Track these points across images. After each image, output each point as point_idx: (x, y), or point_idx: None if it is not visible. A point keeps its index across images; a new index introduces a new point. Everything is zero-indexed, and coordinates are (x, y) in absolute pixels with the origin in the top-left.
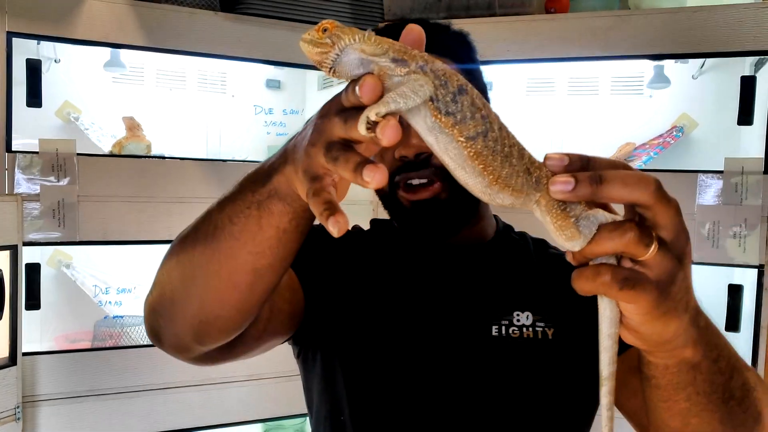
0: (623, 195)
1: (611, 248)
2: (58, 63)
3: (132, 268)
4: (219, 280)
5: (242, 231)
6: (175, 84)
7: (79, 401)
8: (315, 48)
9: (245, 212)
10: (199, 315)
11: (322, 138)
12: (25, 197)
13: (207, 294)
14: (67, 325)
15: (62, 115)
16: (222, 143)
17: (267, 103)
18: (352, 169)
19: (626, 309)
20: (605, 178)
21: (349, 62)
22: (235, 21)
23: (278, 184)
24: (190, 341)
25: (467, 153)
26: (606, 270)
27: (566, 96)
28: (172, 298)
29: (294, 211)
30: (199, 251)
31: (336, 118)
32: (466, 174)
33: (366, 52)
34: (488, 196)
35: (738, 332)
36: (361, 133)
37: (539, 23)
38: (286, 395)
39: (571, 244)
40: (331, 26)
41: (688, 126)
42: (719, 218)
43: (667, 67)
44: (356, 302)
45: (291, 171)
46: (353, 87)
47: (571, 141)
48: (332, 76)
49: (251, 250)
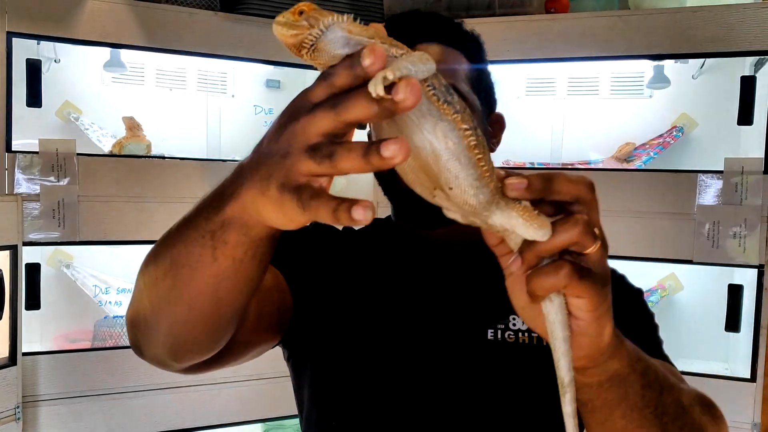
0: (570, 189)
1: (568, 239)
2: (58, 63)
3: (132, 268)
4: (182, 308)
5: (198, 261)
6: (175, 84)
7: (79, 401)
8: (290, 30)
9: (200, 241)
10: (170, 338)
11: (298, 142)
12: (25, 197)
13: (174, 320)
14: (67, 325)
15: (62, 115)
16: (222, 143)
17: (267, 103)
18: (362, 154)
19: (577, 307)
20: (552, 176)
21: (335, 40)
22: (235, 21)
23: (232, 212)
24: (167, 359)
25: (467, 142)
26: (565, 262)
27: (566, 96)
28: (145, 319)
29: (250, 241)
30: (161, 278)
31: (318, 112)
32: (460, 165)
33: (353, 33)
34: (474, 189)
35: (738, 332)
36: (377, 94)
37: (539, 23)
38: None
39: (543, 232)
40: (308, 8)
41: (688, 126)
42: (719, 218)
43: (667, 67)
44: (347, 304)
45: (252, 195)
46: (348, 63)
47: (571, 141)
48: (306, 59)
49: (208, 280)
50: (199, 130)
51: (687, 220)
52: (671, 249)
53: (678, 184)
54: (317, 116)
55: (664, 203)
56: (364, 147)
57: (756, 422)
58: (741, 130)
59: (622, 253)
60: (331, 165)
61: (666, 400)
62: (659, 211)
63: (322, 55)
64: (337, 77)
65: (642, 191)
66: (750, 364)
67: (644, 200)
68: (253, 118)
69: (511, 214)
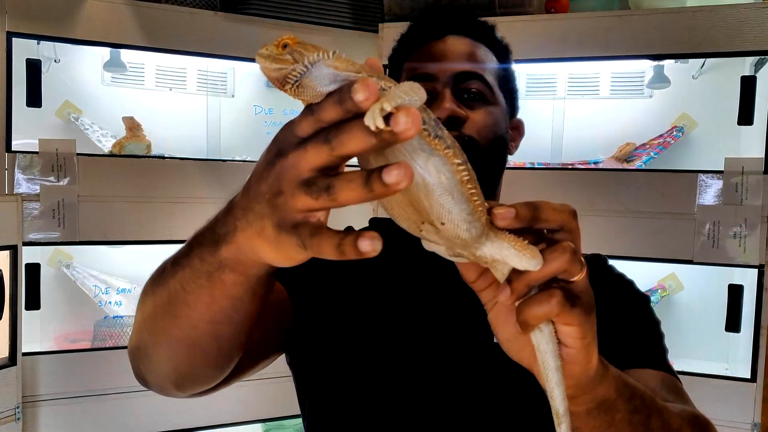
0: (556, 217)
1: (557, 266)
2: (58, 63)
3: (132, 268)
4: (183, 346)
5: (196, 301)
6: (176, 84)
7: (79, 401)
8: (274, 63)
9: (196, 282)
10: (173, 373)
11: (290, 178)
12: (25, 197)
13: (176, 357)
14: (67, 325)
15: (62, 115)
16: (222, 143)
17: (267, 103)
18: (363, 183)
19: (567, 335)
20: (538, 205)
21: (321, 77)
22: (236, 21)
23: (228, 253)
24: (172, 390)
25: (460, 177)
26: (556, 291)
27: (566, 96)
28: (147, 355)
29: (248, 280)
30: (160, 316)
31: (310, 147)
32: (452, 200)
33: (340, 69)
34: (466, 224)
35: (738, 332)
36: (376, 126)
37: (539, 23)
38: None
39: (534, 262)
40: (292, 42)
41: (689, 126)
42: (719, 218)
43: (667, 67)
44: (349, 311)
45: (247, 237)
46: (337, 97)
47: (571, 141)
48: (291, 94)
49: (208, 319)
50: (199, 130)
51: (687, 220)
52: (671, 249)
53: (678, 184)
54: (309, 151)
55: (664, 203)
56: (364, 176)
57: (756, 422)
58: (741, 130)
59: (622, 253)
60: (329, 198)
61: (654, 424)
62: (659, 211)
63: (307, 91)
64: (324, 111)
65: (642, 191)
66: (750, 364)
67: (644, 200)
68: (253, 118)
69: (503, 244)
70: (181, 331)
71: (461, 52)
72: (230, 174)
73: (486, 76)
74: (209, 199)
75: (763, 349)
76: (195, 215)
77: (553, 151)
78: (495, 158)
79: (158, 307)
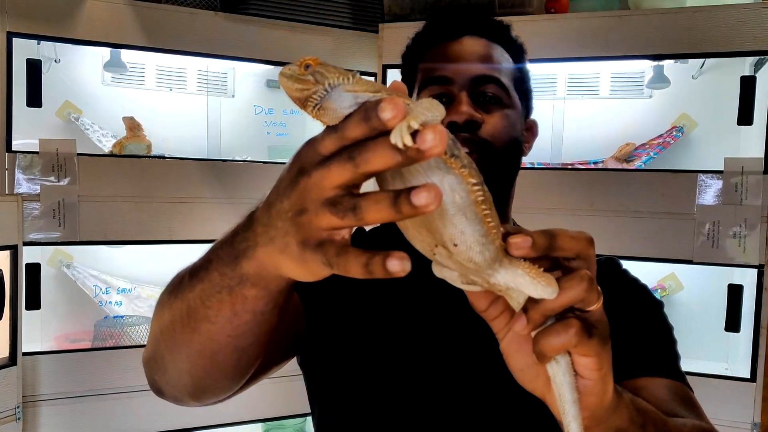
0: (572, 245)
1: (575, 296)
2: (59, 63)
3: (132, 268)
4: (203, 359)
5: (217, 315)
6: (176, 84)
7: (79, 401)
8: (296, 84)
9: (216, 296)
10: (191, 384)
11: (314, 197)
12: (25, 197)
13: (195, 369)
14: (68, 325)
15: (62, 115)
16: (222, 143)
17: (267, 103)
18: (390, 204)
19: (584, 366)
20: (555, 233)
21: (342, 100)
22: (236, 21)
23: (249, 268)
24: (189, 400)
25: (474, 197)
26: (574, 321)
27: (566, 96)
28: (164, 365)
29: (269, 294)
30: (179, 329)
31: (334, 165)
32: (466, 220)
33: (359, 92)
34: (480, 246)
35: (738, 332)
36: (404, 144)
37: (539, 23)
38: (286, 395)
39: (550, 290)
40: (314, 63)
41: (688, 126)
42: (719, 218)
43: (667, 67)
44: (361, 316)
45: (269, 253)
46: (362, 115)
47: (571, 141)
48: (312, 115)
49: (229, 333)
50: (199, 130)
51: (687, 220)
52: (671, 249)
53: (678, 184)
54: (333, 169)
55: (664, 203)
56: (392, 196)
57: (756, 422)
58: (741, 130)
59: (622, 253)
60: (356, 218)
61: None
62: (659, 211)
63: (328, 113)
64: (350, 129)
65: (642, 191)
66: (750, 364)
67: (644, 200)
68: (254, 118)
69: (517, 272)
70: (201, 344)
71: (478, 54)
72: (230, 174)
73: (502, 78)
74: (209, 199)
75: (762, 348)
76: (195, 215)
77: (553, 151)
78: (510, 160)
79: (176, 320)
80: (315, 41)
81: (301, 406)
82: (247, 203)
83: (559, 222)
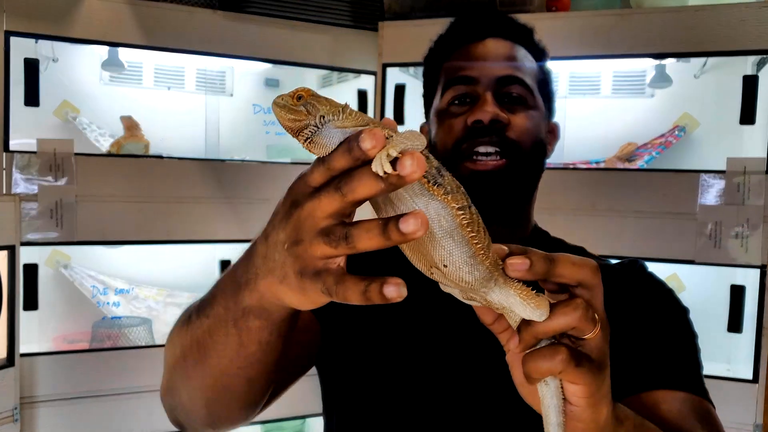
0: (573, 273)
1: (566, 323)
2: (56, 62)
3: (130, 268)
4: (216, 391)
5: (225, 348)
6: (174, 83)
7: (78, 402)
8: (288, 114)
9: (223, 330)
10: (207, 414)
11: (307, 228)
12: (23, 197)
13: (210, 402)
14: (65, 326)
15: (60, 115)
16: (221, 142)
17: (266, 102)
18: (380, 231)
19: (572, 393)
20: (556, 258)
21: (332, 135)
22: (235, 19)
23: (251, 301)
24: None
25: (459, 221)
26: (562, 348)
27: (567, 95)
28: (181, 403)
29: (272, 323)
30: (191, 365)
31: (323, 196)
32: (453, 243)
33: (348, 127)
34: (468, 266)
35: (740, 333)
36: (384, 171)
37: (540, 22)
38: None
39: (539, 313)
40: (306, 94)
41: (690, 125)
42: (721, 218)
43: (669, 67)
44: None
45: (269, 284)
46: (345, 147)
47: (573, 140)
48: (304, 146)
49: (239, 364)
50: (197, 130)
51: (689, 220)
52: (673, 249)
53: (680, 184)
54: (322, 200)
55: (665, 203)
56: (381, 225)
57: (758, 423)
58: (743, 129)
59: (624, 254)
60: (348, 246)
61: None
62: (661, 211)
63: (318, 147)
64: (334, 161)
65: (644, 191)
66: (752, 364)
67: (646, 200)
68: (252, 118)
69: (509, 292)
70: (212, 377)
71: (502, 55)
72: (229, 173)
73: (526, 79)
74: (208, 199)
75: (765, 349)
76: (194, 215)
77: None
78: (535, 162)
79: (188, 355)
80: (314, 39)
81: (301, 408)
82: (246, 203)
83: (559, 222)
